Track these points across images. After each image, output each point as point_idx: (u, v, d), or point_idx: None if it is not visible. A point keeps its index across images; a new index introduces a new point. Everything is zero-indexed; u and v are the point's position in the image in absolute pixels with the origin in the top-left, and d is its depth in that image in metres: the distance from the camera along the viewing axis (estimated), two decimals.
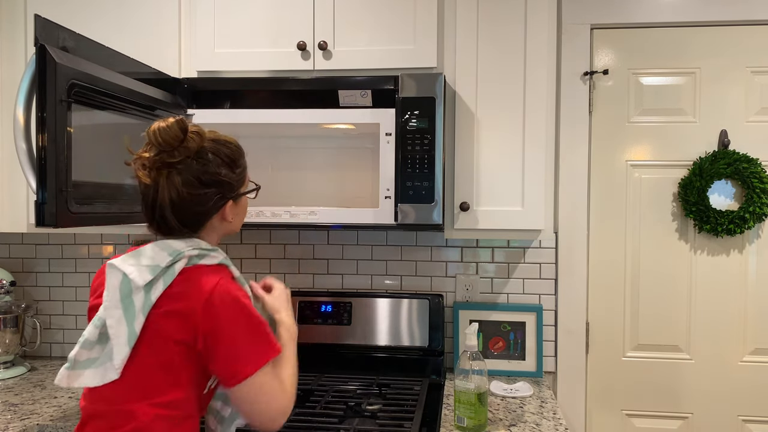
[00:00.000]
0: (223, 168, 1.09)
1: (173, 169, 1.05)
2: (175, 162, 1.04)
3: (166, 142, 1.03)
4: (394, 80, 1.61)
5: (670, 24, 2.00)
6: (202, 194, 1.07)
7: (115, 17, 1.81)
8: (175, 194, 1.05)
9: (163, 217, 1.07)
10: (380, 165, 1.58)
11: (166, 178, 1.05)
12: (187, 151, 1.05)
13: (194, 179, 1.06)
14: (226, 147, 1.11)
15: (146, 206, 1.08)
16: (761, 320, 1.99)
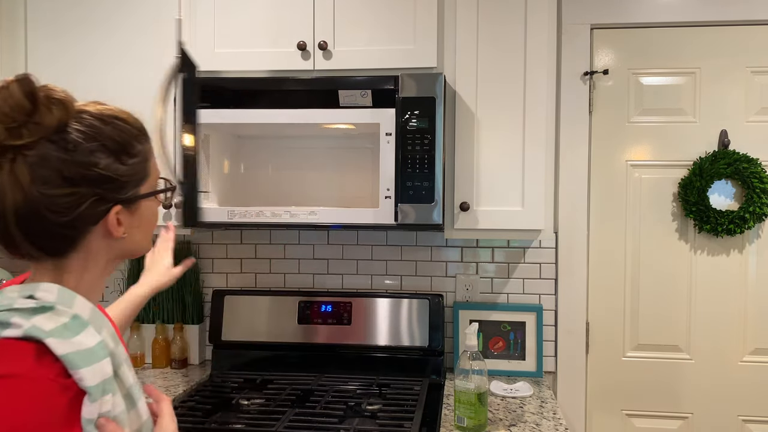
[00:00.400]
0: (102, 156, 0.72)
1: (19, 156, 0.67)
2: (21, 145, 0.67)
3: (5, 114, 0.66)
4: (394, 80, 1.61)
5: (670, 24, 2.00)
6: (64, 195, 0.70)
7: (115, 17, 1.81)
8: (20, 196, 0.67)
9: (6, 232, 0.69)
10: (380, 165, 1.58)
11: (7, 170, 0.67)
12: (42, 130, 0.68)
13: (51, 172, 0.68)
14: (112, 126, 0.74)
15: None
16: (761, 320, 1.99)
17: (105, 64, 1.82)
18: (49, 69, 1.84)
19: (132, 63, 1.81)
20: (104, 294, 2.20)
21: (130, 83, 1.81)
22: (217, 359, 2.00)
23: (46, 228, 0.70)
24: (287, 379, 1.89)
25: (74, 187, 0.70)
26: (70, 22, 1.83)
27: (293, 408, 1.61)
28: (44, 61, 1.84)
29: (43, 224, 0.69)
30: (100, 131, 0.73)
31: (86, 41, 1.83)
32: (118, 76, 1.82)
